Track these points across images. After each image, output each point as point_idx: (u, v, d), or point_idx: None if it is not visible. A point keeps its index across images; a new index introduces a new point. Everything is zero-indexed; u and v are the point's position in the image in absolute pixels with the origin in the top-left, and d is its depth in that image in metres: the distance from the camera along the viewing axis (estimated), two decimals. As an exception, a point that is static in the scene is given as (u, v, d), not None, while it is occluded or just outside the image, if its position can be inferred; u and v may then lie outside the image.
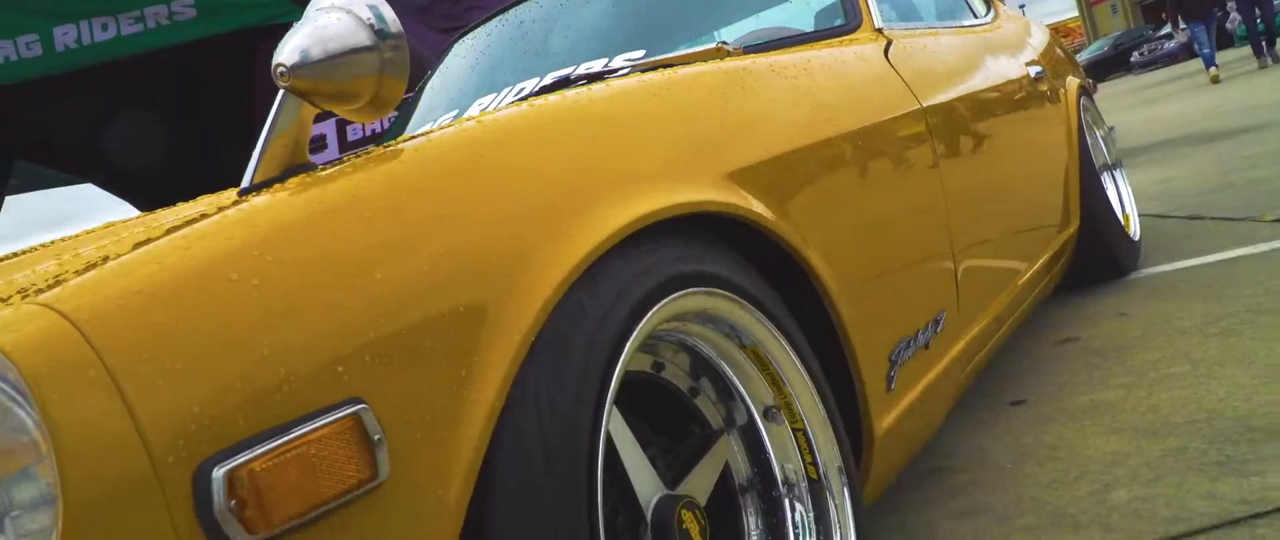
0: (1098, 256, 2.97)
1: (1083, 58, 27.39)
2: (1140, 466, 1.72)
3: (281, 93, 0.89)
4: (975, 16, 2.79)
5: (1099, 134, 3.32)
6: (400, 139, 0.98)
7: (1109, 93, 17.72)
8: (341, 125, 4.46)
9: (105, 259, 0.75)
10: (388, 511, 0.75)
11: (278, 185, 0.88)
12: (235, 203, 0.84)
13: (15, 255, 1.34)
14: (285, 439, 0.70)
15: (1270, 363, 2.01)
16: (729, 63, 1.43)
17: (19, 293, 0.72)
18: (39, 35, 4.27)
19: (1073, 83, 3.04)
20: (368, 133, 4.43)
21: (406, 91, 0.98)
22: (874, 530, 1.76)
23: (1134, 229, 3.24)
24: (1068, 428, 1.99)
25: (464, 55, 2.66)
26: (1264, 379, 1.94)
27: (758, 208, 1.18)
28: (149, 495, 0.65)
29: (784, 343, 1.20)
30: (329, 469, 0.71)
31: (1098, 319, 2.72)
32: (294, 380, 0.72)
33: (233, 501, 0.66)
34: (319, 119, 1.29)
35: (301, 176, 0.89)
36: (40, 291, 0.70)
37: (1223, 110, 7.97)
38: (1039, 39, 2.93)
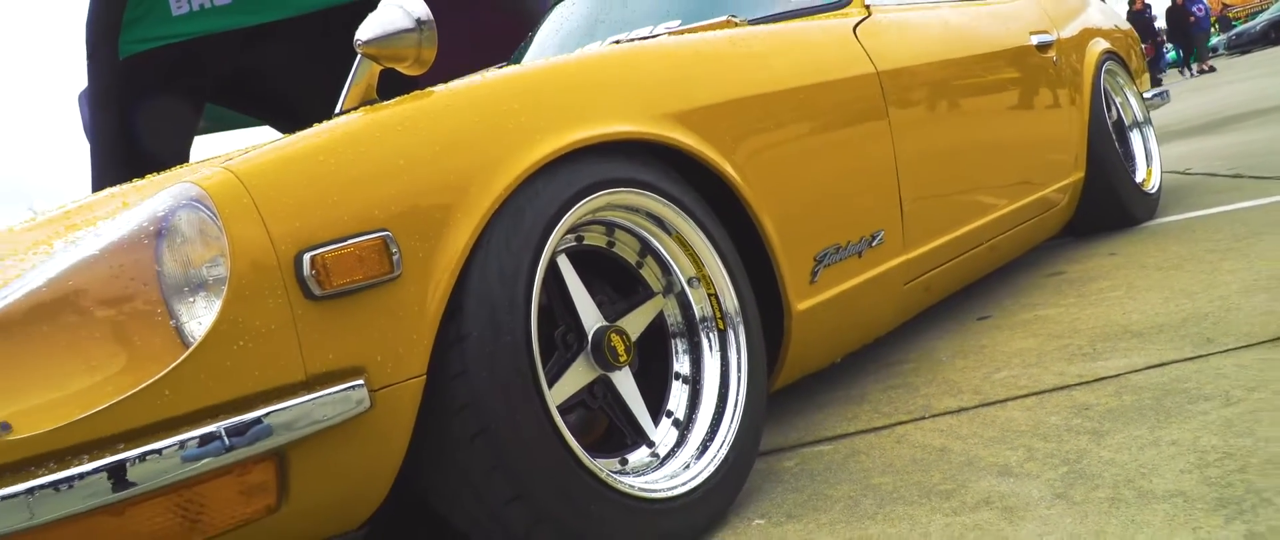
0: (1108, 207, 3.33)
1: (1263, 19, 25.68)
2: (1032, 357, 2.18)
3: (359, 56, 1.51)
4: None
5: (1129, 93, 3.64)
6: (435, 86, 1.58)
7: (1269, 56, 16.84)
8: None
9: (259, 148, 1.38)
10: (401, 290, 1.35)
11: (354, 110, 1.49)
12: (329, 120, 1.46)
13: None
14: (341, 244, 1.30)
15: (1182, 287, 2.41)
16: (708, 34, 1.97)
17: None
18: (229, -15, 5.07)
19: (1095, 49, 3.38)
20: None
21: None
22: (825, 399, 2.28)
23: (1153, 184, 3.56)
24: (1003, 334, 2.45)
25: (557, 20, 3.26)
26: (1168, 298, 2.35)
27: (680, 137, 1.72)
28: (271, 266, 1.27)
29: (699, 232, 1.75)
30: (366, 262, 1.31)
31: (1089, 258, 3.11)
32: (350, 214, 1.33)
33: (313, 271, 1.28)
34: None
35: (368, 104, 1.50)
36: (227, 160, 1.34)
37: (1360, 77, 7.79)
38: (1058, 9, 3.29)
